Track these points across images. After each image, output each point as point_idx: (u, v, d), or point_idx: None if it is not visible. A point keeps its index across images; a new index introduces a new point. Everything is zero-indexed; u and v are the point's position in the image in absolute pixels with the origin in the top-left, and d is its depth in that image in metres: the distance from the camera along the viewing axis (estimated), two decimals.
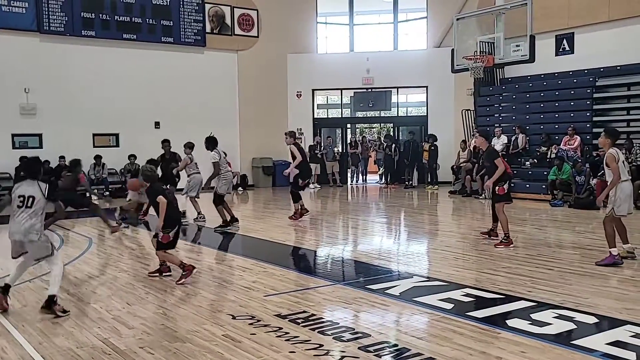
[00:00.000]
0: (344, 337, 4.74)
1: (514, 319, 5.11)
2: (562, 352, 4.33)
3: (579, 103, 16.10)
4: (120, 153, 17.59)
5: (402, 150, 19.50)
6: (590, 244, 8.91)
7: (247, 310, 5.53)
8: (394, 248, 9.15)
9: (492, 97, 18.60)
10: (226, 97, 19.77)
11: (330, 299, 5.96)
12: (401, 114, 22.41)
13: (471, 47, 16.57)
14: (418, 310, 5.52)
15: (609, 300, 5.66)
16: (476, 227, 10.30)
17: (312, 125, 21.21)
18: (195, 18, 19.09)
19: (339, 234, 9.92)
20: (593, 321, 5.03)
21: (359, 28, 22.34)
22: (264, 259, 8.07)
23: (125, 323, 5.23)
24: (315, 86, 21.25)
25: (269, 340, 4.71)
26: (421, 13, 21.45)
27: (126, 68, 17.74)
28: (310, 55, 21.24)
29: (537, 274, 6.80)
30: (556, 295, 5.83)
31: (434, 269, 7.52)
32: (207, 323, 5.19)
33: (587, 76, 16.48)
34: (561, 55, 17.34)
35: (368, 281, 6.74)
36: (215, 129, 17.10)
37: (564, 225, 11.11)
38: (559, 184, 13.98)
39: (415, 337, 4.74)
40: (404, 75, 20.36)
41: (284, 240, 9.66)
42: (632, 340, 4.55)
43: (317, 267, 8.27)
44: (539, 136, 16.35)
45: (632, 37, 15.55)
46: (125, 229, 10.77)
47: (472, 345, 4.51)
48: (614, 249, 7.13)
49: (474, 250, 8.48)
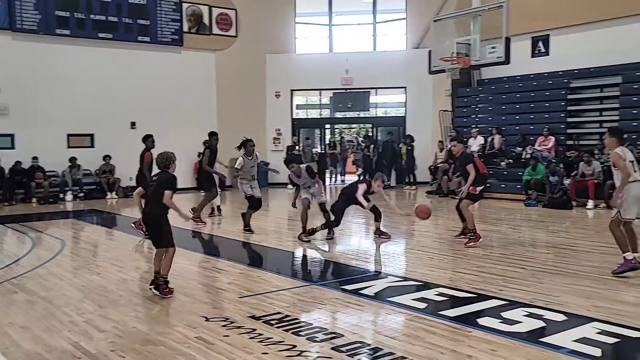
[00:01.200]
0: (317, 338, 4.75)
1: (485, 318, 5.17)
2: (531, 350, 4.39)
3: (554, 104, 16.33)
4: (95, 154, 17.41)
5: (381, 151, 19.58)
6: (563, 243, 9.06)
7: (221, 312, 5.51)
8: (371, 249, 9.18)
9: (469, 98, 18.79)
10: (204, 98, 19.68)
11: (305, 300, 5.96)
12: (380, 114, 22.53)
13: (448, 48, 16.67)
14: (392, 310, 5.55)
15: (579, 298, 5.75)
16: (452, 227, 10.37)
17: (290, 125, 21.20)
18: (173, 17, 18.98)
19: (316, 235, 9.91)
20: (562, 319, 5.10)
21: (338, 29, 22.40)
22: (240, 260, 8.06)
23: (97, 326, 5.18)
24: (294, 86, 21.25)
25: (242, 341, 4.70)
26: (400, 14, 21.58)
27: (102, 68, 17.55)
28: (289, 55, 21.23)
29: (509, 273, 6.88)
30: (527, 294, 5.91)
31: (409, 269, 7.57)
32: (180, 325, 5.16)
33: (561, 78, 16.73)
34: (537, 57, 17.58)
35: (343, 282, 6.77)
36: (192, 130, 17.06)
37: (537, 225, 11.26)
38: (533, 184, 14.16)
39: (388, 336, 4.77)
40: (383, 76, 20.45)
41: (261, 242, 9.64)
42: (598, 337, 4.63)
43: (293, 268, 8.29)
44: (514, 137, 16.55)
45: (605, 40, 15.80)
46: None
47: (444, 344, 4.55)
48: (628, 254, 6.52)
49: (449, 250, 8.55)
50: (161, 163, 6.22)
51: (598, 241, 8.85)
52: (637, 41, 15.13)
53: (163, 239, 6.14)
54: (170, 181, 6.12)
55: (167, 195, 6.00)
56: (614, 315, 5.14)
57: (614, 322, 4.95)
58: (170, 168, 6.19)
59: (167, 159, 6.20)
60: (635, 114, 14.39)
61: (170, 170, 6.19)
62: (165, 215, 6.13)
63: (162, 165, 6.21)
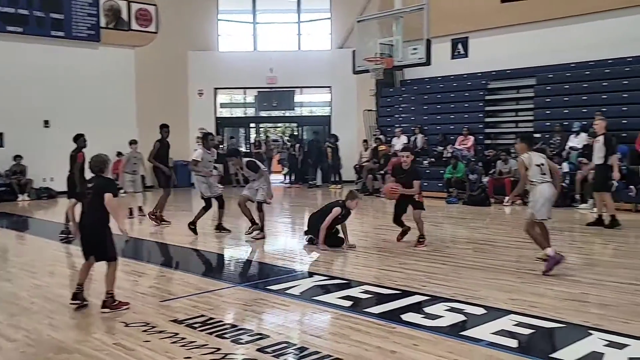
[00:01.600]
0: (242, 340, 4.66)
1: (408, 314, 5.25)
2: (453, 344, 4.49)
3: (473, 105, 16.92)
4: (4, 153, 16.46)
5: (306, 150, 19.62)
6: (482, 238, 9.39)
7: (141, 317, 5.31)
8: (297, 248, 9.15)
9: (393, 98, 19.16)
10: (123, 95, 18.98)
11: (229, 302, 5.86)
12: (305, 113, 22.58)
13: (372, 49, 16.93)
14: (317, 309, 5.54)
15: (497, 292, 5.95)
16: (377, 225, 10.53)
17: (214, 124, 20.86)
18: (89, 12, 18.19)
19: (241, 235, 9.79)
20: (481, 312, 5.26)
21: (262, 27, 22.26)
22: (161, 263, 7.82)
23: (7, 336, 4.86)
24: (217, 85, 20.96)
25: (163, 346, 4.55)
26: (325, 14, 21.72)
27: (11, 63, 16.61)
28: (212, 53, 20.92)
29: (432, 269, 7.04)
30: (449, 289, 6.06)
31: (335, 268, 7.60)
32: (98, 332, 4.94)
33: (480, 79, 17.36)
34: (456, 58, 18.14)
35: (269, 282, 6.70)
36: (111, 129, 16.42)
37: (458, 222, 11.62)
38: (454, 182, 14.61)
39: (314, 335, 4.75)
40: (308, 75, 20.51)
41: (183, 243, 9.42)
42: (514, 328, 4.80)
43: (217, 269, 8.15)
44: (436, 136, 17.02)
45: (521, 43, 16.52)
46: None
47: (369, 340, 4.57)
48: (548, 250, 6.70)
49: (374, 247, 8.66)
50: (96, 167, 5.66)
51: (515, 237, 9.19)
52: (550, 44, 15.92)
53: (107, 251, 5.55)
54: (108, 184, 5.60)
55: (109, 197, 5.42)
56: (529, 308, 5.34)
57: (529, 314, 5.15)
58: (105, 172, 5.73)
59: (102, 162, 5.68)
60: (549, 115, 15.14)
61: (105, 174, 5.71)
62: (107, 224, 5.52)
63: (97, 169, 5.66)
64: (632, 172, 12.33)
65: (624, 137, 13.03)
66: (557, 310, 5.23)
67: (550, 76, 15.82)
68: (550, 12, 15.91)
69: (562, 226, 10.60)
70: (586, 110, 13.95)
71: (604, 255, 8.10)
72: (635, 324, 4.86)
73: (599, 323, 4.86)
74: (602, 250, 8.53)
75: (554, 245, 6.89)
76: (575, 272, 6.76)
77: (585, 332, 4.66)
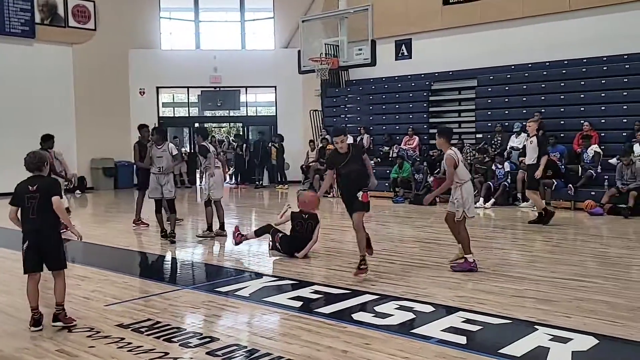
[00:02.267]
0: (191, 343, 4.56)
1: (359, 313, 5.27)
2: (403, 342, 4.52)
3: (417, 105, 17.19)
4: None
5: (252, 150, 19.47)
6: (428, 237, 9.53)
7: (85, 322, 5.11)
8: (244, 249, 9.04)
9: (338, 98, 19.25)
10: (60, 94, 18.36)
11: (176, 305, 5.72)
12: (250, 113, 22.40)
13: (317, 49, 16.98)
14: (267, 310, 5.48)
15: (444, 289, 6.05)
16: (324, 225, 10.50)
17: (157, 124, 20.38)
18: (22, 7, 17.45)
19: (188, 237, 9.60)
20: (430, 310, 5.33)
21: (205, 25, 21.94)
22: (104, 266, 7.56)
23: None
24: (159, 83, 20.51)
25: (109, 352, 4.40)
26: (268, 13, 21.59)
27: None
28: (154, 51, 20.45)
29: (380, 268, 7.08)
30: (397, 288, 6.12)
31: (284, 268, 7.52)
32: (39, 339, 4.74)
33: (423, 80, 17.66)
34: (400, 59, 18.37)
35: (217, 284, 6.59)
36: (48, 128, 15.80)
37: (405, 221, 11.77)
38: (400, 182, 14.80)
39: (264, 337, 4.70)
40: (253, 74, 20.34)
41: (127, 246, 9.15)
42: (463, 325, 4.88)
43: (163, 272, 7.96)
44: (381, 136, 17.20)
45: (462, 45, 16.92)
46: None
47: (320, 340, 4.56)
48: (469, 255, 6.84)
49: (322, 248, 8.64)
50: (33, 165, 5.11)
51: None
52: (491, 47, 16.36)
53: (60, 259, 5.12)
54: (53, 185, 5.17)
55: (57, 201, 5.01)
56: (476, 304, 5.45)
57: (477, 310, 5.25)
58: (44, 170, 5.23)
59: (41, 159, 5.18)
60: (490, 115, 15.55)
61: (43, 172, 5.21)
62: (58, 229, 5.14)
63: (35, 166, 5.12)
64: (570, 171, 12.81)
65: (562, 137, 13.55)
66: (503, 307, 5.36)
67: (491, 78, 16.26)
68: (491, 15, 16.36)
69: (504, 224, 10.93)
70: (526, 111, 14.40)
71: (545, 252, 8.36)
72: (577, 318, 5.04)
73: (544, 318, 5.00)
74: (543, 247, 8.81)
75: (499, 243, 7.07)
76: (519, 269, 6.96)
77: (531, 327, 4.79)
